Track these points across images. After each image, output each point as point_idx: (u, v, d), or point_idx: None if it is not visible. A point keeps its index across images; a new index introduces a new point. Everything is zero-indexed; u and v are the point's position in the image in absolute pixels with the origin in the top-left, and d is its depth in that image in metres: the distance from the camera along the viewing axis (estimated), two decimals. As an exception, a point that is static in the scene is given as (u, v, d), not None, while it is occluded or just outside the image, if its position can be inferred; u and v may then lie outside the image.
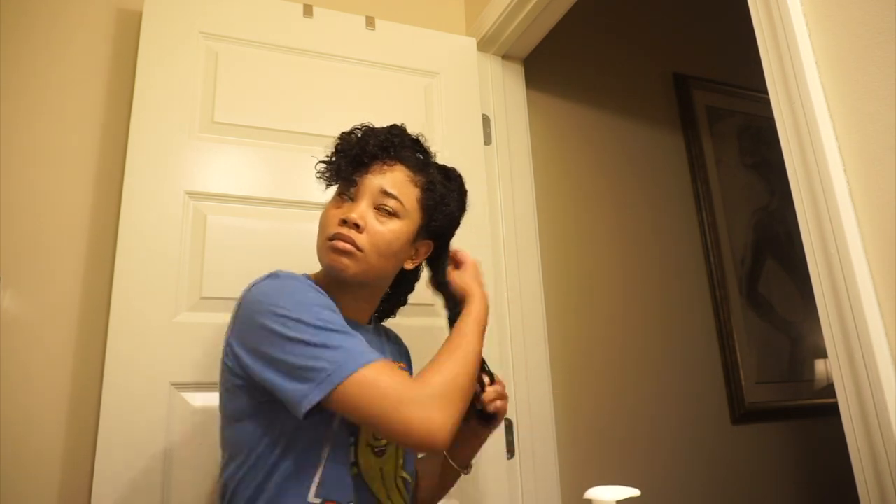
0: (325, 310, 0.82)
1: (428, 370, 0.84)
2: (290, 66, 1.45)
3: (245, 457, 0.86)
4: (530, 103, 1.79)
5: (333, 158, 0.96)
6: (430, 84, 1.59)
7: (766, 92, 0.91)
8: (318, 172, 0.98)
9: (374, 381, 0.77)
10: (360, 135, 0.96)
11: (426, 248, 1.01)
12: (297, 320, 0.79)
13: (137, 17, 1.38)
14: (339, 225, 0.90)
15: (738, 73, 2.25)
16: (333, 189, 0.99)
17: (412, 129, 1.03)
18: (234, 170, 1.34)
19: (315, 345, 0.78)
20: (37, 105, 1.32)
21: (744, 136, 2.25)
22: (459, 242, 1.05)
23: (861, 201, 0.80)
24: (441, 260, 1.05)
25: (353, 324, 0.94)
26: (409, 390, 0.77)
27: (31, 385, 1.18)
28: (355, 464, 0.88)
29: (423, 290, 1.39)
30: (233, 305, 0.90)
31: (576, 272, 1.79)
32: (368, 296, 0.99)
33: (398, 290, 1.10)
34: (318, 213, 1.47)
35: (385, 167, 0.94)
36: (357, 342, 0.80)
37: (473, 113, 1.62)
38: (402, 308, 1.14)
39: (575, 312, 1.74)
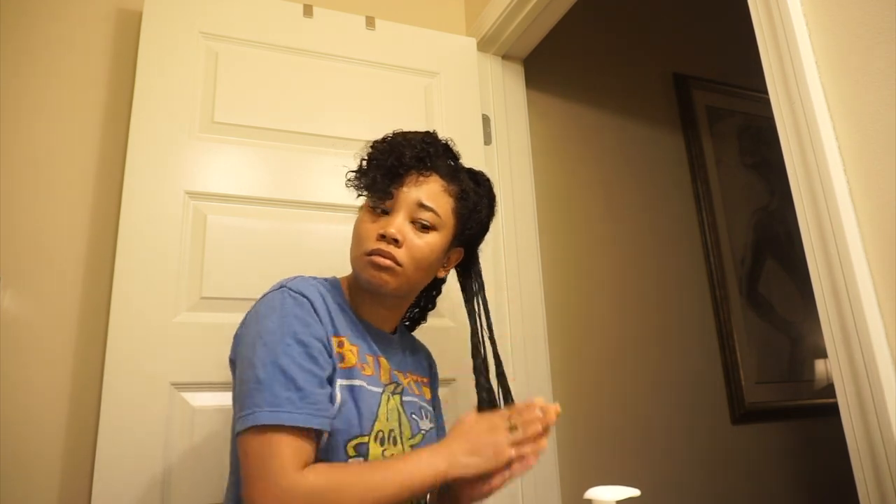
0: (294, 345, 0.80)
1: (332, 467, 0.79)
2: (290, 66, 1.45)
3: (237, 476, 0.84)
4: (530, 103, 1.79)
5: (365, 167, 0.94)
6: (430, 84, 1.59)
7: (766, 92, 0.91)
8: (350, 181, 0.96)
9: (265, 444, 0.74)
10: (394, 144, 0.94)
11: (457, 255, 1.02)
12: (265, 346, 0.79)
13: (137, 17, 1.38)
14: (378, 240, 0.88)
15: (738, 73, 2.25)
16: (353, 195, 0.98)
17: (414, 129, 1.00)
18: (234, 170, 1.34)
19: (261, 381, 0.76)
20: (37, 105, 1.32)
21: (744, 136, 2.25)
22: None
23: (861, 201, 0.80)
24: (472, 265, 1.06)
25: (378, 332, 0.96)
26: (280, 474, 0.73)
27: (31, 385, 1.18)
28: None
29: (423, 290, 1.39)
30: (233, 305, 0.91)
31: (576, 272, 1.78)
32: (398, 305, 0.98)
33: (426, 296, 1.10)
34: (319, 213, 1.47)
35: (421, 178, 0.92)
36: (300, 396, 0.77)
37: (473, 113, 1.62)
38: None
39: (575, 312, 1.74)
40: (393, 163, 0.91)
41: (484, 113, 1.66)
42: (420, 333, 1.15)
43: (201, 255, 1.26)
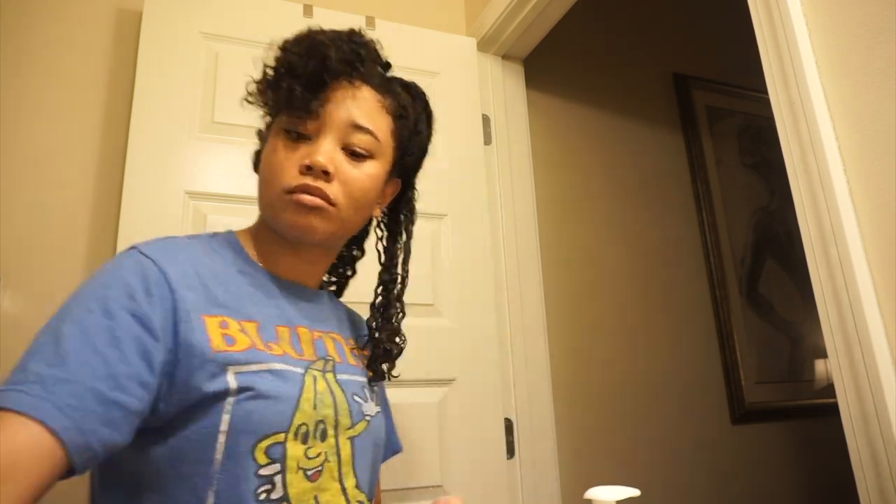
0: (100, 315, 0.58)
1: None
2: (290, 66, 1.44)
3: None
4: (530, 103, 1.79)
5: (274, 74, 0.71)
6: (430, 84, 1.58)
7: (766, 92, 0.91)
8: (252, 95, 0.74)
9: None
10: (313, 43, 0.70)
11: (394, 187, 0.82)
12: (62, 308, 0.60)
13: (137, 17, 1.38)
14: (302, 173, 0.68)
15: (738, 73, 2.25)
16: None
17: None
18: (234, 170, 1.34)
19: (28, 351, 0.57)
20: (37, 105, 1.32)
21: (744, 136, 2.25)
22: (460, 243, 1.05)
23: (861, 201, 0.80)
24: (405, 201, 0.85)
25: (298, 290, 0.76)
26: None
27: (31, 385, 1.18)
28: (284, 499, 0.62)
29: (423, 289, 1.40)
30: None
31: (575, 272, 1.78)
32: (323, 256, 0.78)
33: (352, 239, 0.88)
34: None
35: (351, 90, 0.71)
36: (61, 379, 0.53)
37: (473, 113, 1.62)
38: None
39: (575, 312, 1.74)
40: (315, 68, 0.69)
41: (484, 113, 1.66)
42: (420, 333, 1.15)
43: (201, 255, 1.26)
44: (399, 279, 0.83)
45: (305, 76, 0.69)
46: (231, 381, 0.61)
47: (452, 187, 1.51)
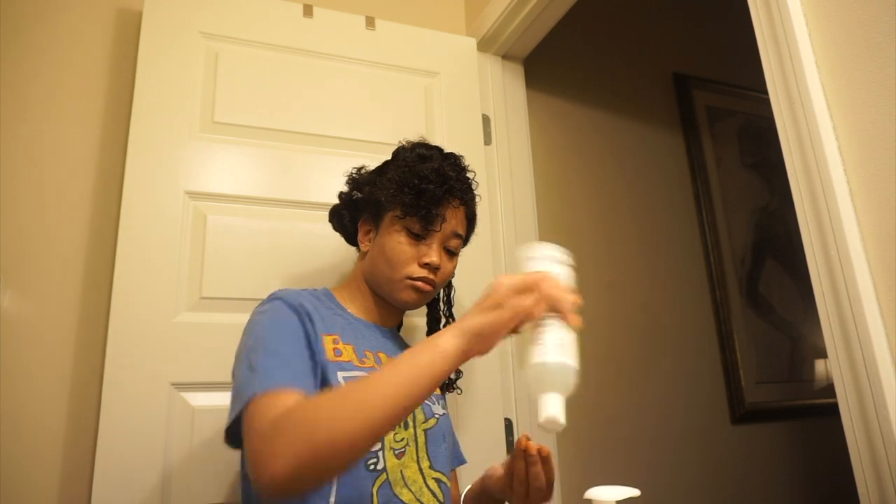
0: (288, 333, 0.83)
1: (314, 397, 0.73)
2: (290, 66, 1.44)
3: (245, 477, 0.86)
4: (530, 103, 1.79)
5: (415, 191, 0.95)
6: (430, 84, 1.59)
7: (766, 92, 0.91)
8: (402, 205, 0.95)
9: (252, 412, 0.71)
10: (441, 171, 0.97)
11: None
12: (256, 339, 0.82)
13: (137, 17, 1.38)
14: (423, 268, 0.95)
15: (738, 73, 2.25)
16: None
17: (415, 133, 1.11)
18: (234, 170, 1.34)
19: (254, 367, 0.76)
20: (37, 105, 1.32)
21: (744, 136, 2.25)
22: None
23: (861, 201, 0.80)
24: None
25: (377, 329, 1.01)
26: (262, 423, 0.67)
27: (31, 385, 1.18)
28: (384, 470, 0.84)
29: (423, 290, 1.39)
30: (233, 305, 0.92)
31: (575, 272, 1.78)
32: (400, 310, 1.05)
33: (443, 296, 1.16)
34: (319, 213, 1.47)
35: (458, 207, 0.99)
36: (288, 365, 0.78)
37: (473, 113, 1.62)
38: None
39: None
40: (442, 193, 0.96)
41: (484, 113, 1.66)
42: (420, 333, 1.15)
43: (201, 256, 1.26)
44: (444, 313, 1.13)
45: (436, 197, 0.95)
46: (340, 380, 0.84)
47: (452, 187, 1.51)
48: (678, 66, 2.19)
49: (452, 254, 1.00)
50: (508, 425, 1.46)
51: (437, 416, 0.95)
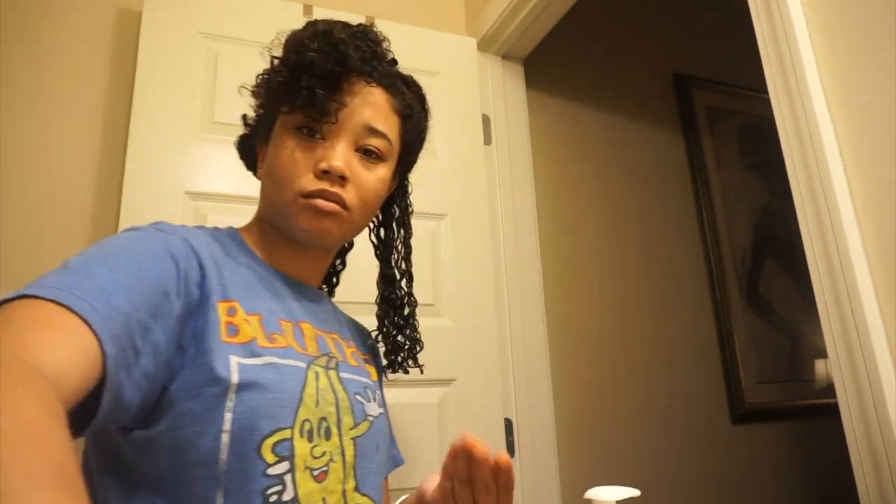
0: (141, 248, 0.55)
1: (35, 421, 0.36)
2: (290, 66, 1.44)
3: None
4: (530, 103, 1.79)
5: (294, 73, 0.67)
6: (430, 84, 1.58)
7: (766, 92, 0.91)
8: (260, 88, 0.74)
9: (16, 314, 0.43)
10: (332, 40, 0.69)
11: (393, 183, 0.81)
12: (93, 245, 0.55)
13: (137, 17, 1.38)
14: (319, 177, 0.67)
15: (738, 73, 2.25)
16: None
17: None
18: (234, 170, 1.34)
19: (65, 266, 0.50)
20: (37, 105, 1.32)
21: (744, 136, 2.25)
22: (459, 243, 1.05)
23: (861, 201, 0.80)
24: (400, 196, 0.84)
25: (300, 287, 0.74)
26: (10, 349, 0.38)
27: (31, 385, 1.18)
28: (295, 499, 0.58)
29: (423, 289, 1.39)
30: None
31: (575, 272, 1.78)
32: (325, 255, 0.77)
33: None
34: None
35: (367, 91, 0.70)
36: (98, 286, 0.48)
37: (473, 113, 1.62)
38: (364, 307, 0.99)
39: (575, 312, 1.74)
40: (334, 67, 0.67)
41: (484, 113, 1.66)
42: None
43: (201, 255, 1.26)
44: (402, 274, 0.83)
45: (324, 76, 0.67)
46: (232, 372, 0.57)
47: (452, 187, 1.51)
48: (678, 66, 2.19)
49: (372, 159, 0.70)
50: (508, 425, 1.46)
51: (370, 417, 0.69)
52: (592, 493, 0.72)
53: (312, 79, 0.66)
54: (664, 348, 1.85)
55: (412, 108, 0.77)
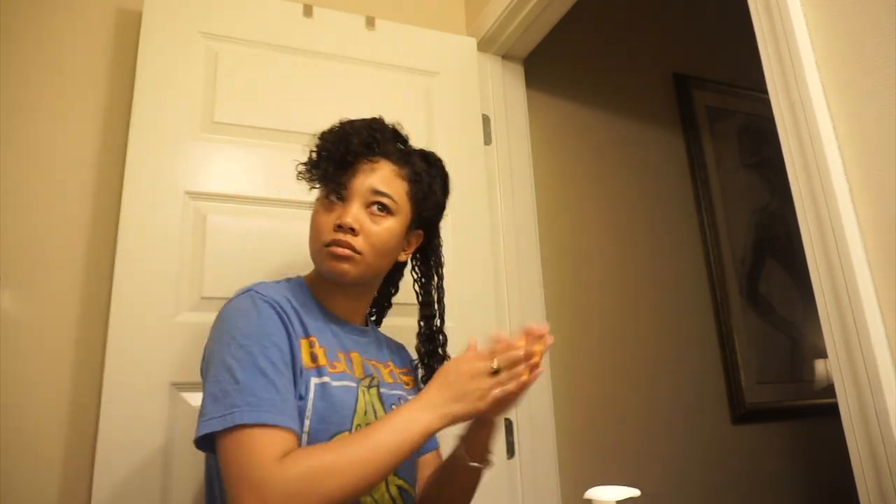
0: (272, 348, 0.79)
1: (315, 448, 0.76)
2: (290, 66, 1.44)
3: (212, 483, 0.86)
4: (530, 103, 1.79)
5: (315, 158, 0.94)
6: (430, 84, 1.59)
7: (766, 92, 0.91)
8: (301, 174, 0.96)
9: (247, 444, 0.71)
10: (341, 133, 0.94)
11: (417, 238, 1.02)
12: (241, 347, 0.78)
13: (137, 17, 1.38)
14: (335, 231, 0.89)
15: (738, 73, 2.25)
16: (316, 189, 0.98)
17: (415, 133, 1.04)
18: (234, 170, 1.34)
19: (239, 382, 0.75)
20: (37, 105, 1.32)
21: (744, 136, 2.25)
22: (460, 242, 1.06)
23: (861, 201, 0.80)
24: (431, 248, 1.06)
25: (348, 326, 0.96)
26: (263, 467, 0.69)
27: (31, 385, 1.18)
28: None
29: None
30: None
31: (576, 272, 1.78)
32: (362, 294, 0.99)
33: (388, 280, 1.09)
34: (318, 213, 1.47)
35: (371, 165, 0.92)
36: (281, 399, 0.75)
37: (473, 113, 1.62)
38: (401, 308, 1.14)
39: (575, 312, 1.74)
40: (342, 151, 0.91)
41: (484, 113, 1.66)
42: (409, 332, 1.15)
43: (201, 255, 1.26)
44: (438, 314, 1.05)
45: (335, 159, 0.91)
46: (311, 390, 0.82)
47: (452, 187, 1.50)
48: (678, 66, 2.19)
49: (382, 212, 0.91)
50: (508, 425, 1.46)
51: None
52: (592, 492, 0.72)
53: (327, 162, 0.92)
54: (664, 348, 1.85)
55: (420, 173, 0.96)
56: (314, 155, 0.94)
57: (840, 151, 0.82)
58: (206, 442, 0.76)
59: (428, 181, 0.97)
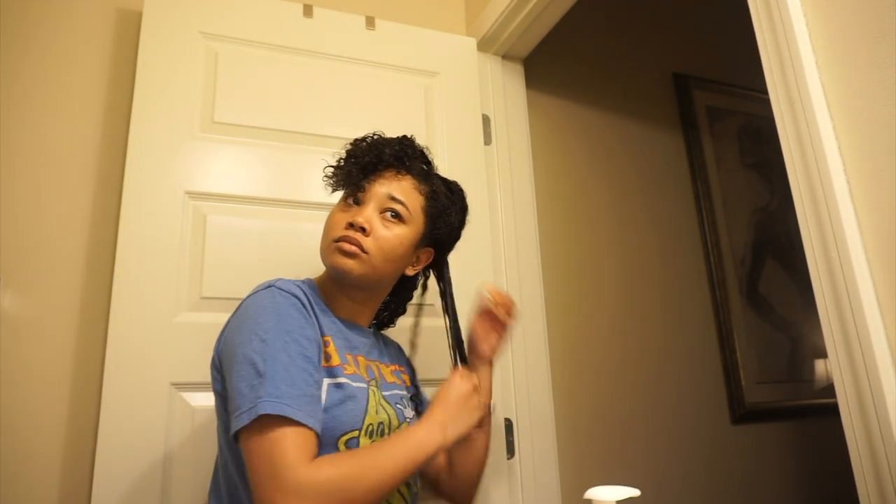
0: (294, 344, 0.80)
1: (340, 456, 0.80)
2: (290, 66, 1.44)
3: (227, 476, 0.87)
4: (530, 103, 1.79)
5: (343, 163, 0.97)
6: (430, 84, 1.59)
7: (766, 92, 0.91)
8: (326, 176, 0.99)
9: (272, 440, 0.73)
10: (374, 143, 0.98)
11: (427, 255, 1.03)
12: (263, 342, 0.79)
13: (137, 17, 1.38)
14: (346, 228, 0.91)
15: (738, 73, 2.25)
16: (338, 193, 1.00)
17: (415, 133, 1.06)
18: (234, 170, 1.34)
19: (262, 375, 0.76)
20: (37, 105, 1.32)
21: (744, 136, 2.25)
22: (460, 243, 1.06)
23: (861, 201, 0.80)
24: (443, 273, 1.08)
25: (354, 328, 0.97)
26: (293, 469, 0.71)
27: (31, 385, 1.18)
28: None
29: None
30: (233, 305, 0.91)
31: (576, 272, 1.78)
32: (368, 299, 1.00)
33: (397, 298, 1.11)
34: (319, 213, 1.47)
35: (395, 175, 0.96)
36: (300, 394, 0.77)
37: (473, 113, 1.62)
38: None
39: (575, 312, 1.74)
40: (371, 160, 0.95)
41: (484, 113, 1.66)
42: (419, 332, 1.15)
43: (201, 255, 1.26)
44: (449, 329, 1.07)
45: (362, 164, 0.95)
46: (324, 390, 0.83)
47: (452, 187, 1.51)
48: (678, 66, 2.19)
49: (394, 218, 0.94)
50: (508, 425, 1.46)
51: (408, 419, 0.97)
52: (592, 492, 0.72)
53: (353, 165, 0.96)
54: (664, 348, 1.85)
55: (437, 193, 0.99)
56: (342, 160, 0.98)
57: (840, 151, 0.82)
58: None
59: (445, 203, 1.00)
